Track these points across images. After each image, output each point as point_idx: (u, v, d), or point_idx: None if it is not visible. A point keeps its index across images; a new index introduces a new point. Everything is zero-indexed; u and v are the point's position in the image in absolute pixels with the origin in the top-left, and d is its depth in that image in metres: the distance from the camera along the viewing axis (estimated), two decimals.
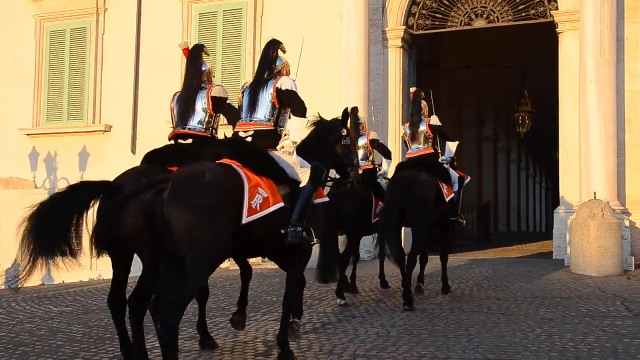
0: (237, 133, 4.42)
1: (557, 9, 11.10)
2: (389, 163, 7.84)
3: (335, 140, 4.93)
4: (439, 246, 7.85)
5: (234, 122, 4.65)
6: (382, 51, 11.95)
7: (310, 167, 4.32)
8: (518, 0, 11.49)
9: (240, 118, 4.55)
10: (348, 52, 11.37)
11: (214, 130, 4.79)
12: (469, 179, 7.98)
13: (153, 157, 4.57)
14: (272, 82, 4.40)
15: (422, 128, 7.13)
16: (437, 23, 12.04)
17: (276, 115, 4.39)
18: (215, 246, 3.57)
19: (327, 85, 11.28)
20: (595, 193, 9.29)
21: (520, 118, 19.40)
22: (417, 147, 7.14)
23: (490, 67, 18.11)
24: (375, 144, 7.77)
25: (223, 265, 4.88)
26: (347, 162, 5.02)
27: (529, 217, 31.05)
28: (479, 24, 11.83)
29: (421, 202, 6.48)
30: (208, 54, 4.97)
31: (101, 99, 13.97)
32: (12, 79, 14.60)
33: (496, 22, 11.74)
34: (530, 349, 4.50)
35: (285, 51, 4.65)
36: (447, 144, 7.56)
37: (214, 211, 3.56)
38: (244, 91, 4.51)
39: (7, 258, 13.13)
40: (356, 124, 7.14)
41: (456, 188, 7.24)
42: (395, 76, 11.94)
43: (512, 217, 26.31)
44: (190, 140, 4.67)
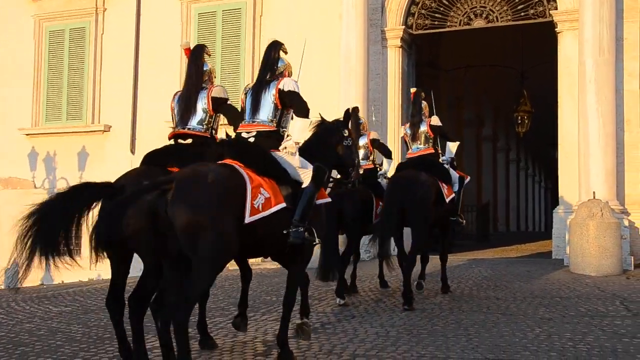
0: (240, 134, 4.43)
1: (556, 8, 11.10)
2: (389, 163, 7.84)
3: (337, 141, 4.94)
4: (438, 246, 7.86)
5: (235, 122, 4.66)
6: (381, 51, 11.96)
7: (313, 167, 4.34)
8: (517, 0, 11.49)
9: (240, 119, 4.58)
10: (347, 52, 11.37)
11: (213, 130, 4.79)
12: (469, 178, 7.99)
13: (153, 157, 4.56)
14: (275, 84, 4.42)
15: (423, 128, 7.13)
16: (436, 23, 12.05)
17: (279, 116, 4.40)
18: (220, 245, 3.60)
19: (326, 85, 11.29)
20: (594, 193, 9.30)
21: (519, 118, 19.40)
22: (418, 147, 7.14)
23: (489, 67, 18.11)
24: (376, 143, 7.78)
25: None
26: (349, 163, 5.04)
27: (528, 217, 31.05)
28: (478, 23, 11.84)
29: (421, 202, 6.48)
30: (210, 54, 4.97)
31: (100, 99, 13.96)
32: (11, 79, 14.59)
33: (495, 22, 11.75)
34: (530, 349, 4.51)
35: (286, 52, 4.66)
36: (447, 144, 7.56)
37: (218, 211, 3.59)
38: (246, 93, 4.52)
39: (6, 258, 13.12)
40: (357, 124, 7.14)
41: (456, 188, 7.24)
42: (394, 76, 11.95)
43: (511, 217, 26.32)
44: (190, 140, 4.67)
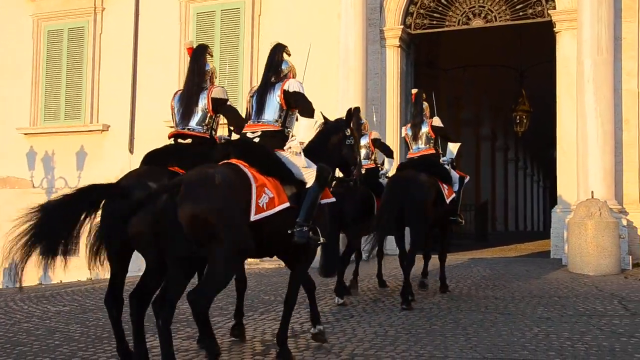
0: (245, 134, 4.48)
1: (554, 8, 11.12)
2: (390, 162, 7.86)
3: (339, 140, 4.99)
4: (437, 245, 7.87)
5: (234, 123, 4.69)
6: (380, 50, 11.97)
7: (316, 168, 4.37)
8: (515, 0, 11.51)
9: (239, 119, 4.67)
10: (346, 52, 11.37)
11: (213, 131, 4.80)
12: (469, 178, 8.00)
13: (153, 157, 4.57)
14: (280, 85, 4.48)
15: (425, 129, 7.15)
16: (435, 22, 12.06)
17: (284, 116, 4.45)
18: (234, 241, 3.67)
19: (325, 85, 11.28)
20: (592, 192, 9.31)
21: (518, 117, 19.40)
22: (419, 148, 7.16)
23: (488, 66, 18.12)
24: (377, 143, 7.82)
25: None
26: (351, 161, 5.10)
27: (526, 217, 31.07)
28: (476, 23, 11.85)
29: (420, 203, 6.48)
30: (212, 54, 4.98)
31: (99, 99, 13.96)
32: (9, 79, 14.59)
33: (494, 22, 11.76)
34: (528, 348, 4.51)
35: (290, 55, 4.71)
36: (448, 145, 7.56)
37: (228, 210, 3.66)
38: (252, 95, 4.57)
39: (4, 258, 13.11)
40: (358, 124, 7.16)
41: (457, 188, 7.25)
42: (393, 76, 11.95)
43: (509, 217, 26.34)
44: (190, 140, 4.68)
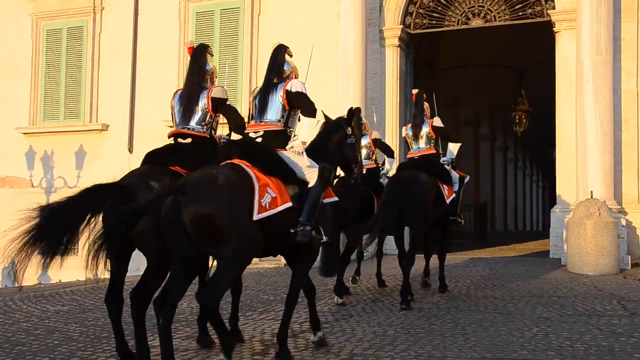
0: (248, 134, 4.50)
1: (553, 8, 11.12)
2: (391, 162, 7.87)
3: (340, 139, 5.02)
4: (437, 245, 7.88)
5: (233, 122, 4.70)
6: (379, 50, 11.97)
7: (318, 167, 4.39)
8: (515, 0, 11.51)
9: (239, 118, 4.70)
10: (345, 51, 11.37)
11: (212, 130, 4.81)
12: (469, 178, 8.01)
13: (154, 157, 4.59)
14: (282, 85, 4.50)
15: (425, 129, 7.16)
16: (434, 22, 12.06)
17: (286, 116, 4.48)
18: (240, 240, 3.70)
19: (325, 85, 11.28)
20: (592, 192, 9.31)
21: (517, 117, 19.40)
22: (419, 148, 7.17)
23: (487, 66, 18.12)
24: (378, 143, 7.84)
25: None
26: (352, 160, 5.13)
27: (525, 216, 31.07)
28: (476, 23, 11.85)
29: (420, 203, 6.49)
30: (212, 54, 4.98)
31: (98, 98, 13.95)
32: (8, 78, 14.58)
33: (493, 22, 11.76)
34: (527, 348, 4.51)
35: (291, 55, 4.73)
36: (448, 145, 7.57)
37: (231, 211, 3.69)
38: (255, 96, 4.59)
39: (3, 257, 13.10)
40: (359, 123, 7.17)
41: (456, 188, 7.26)
42: (392, 75, 11.96)
43: (509, 216, 26.34)
44: (190, 139, 4.68)
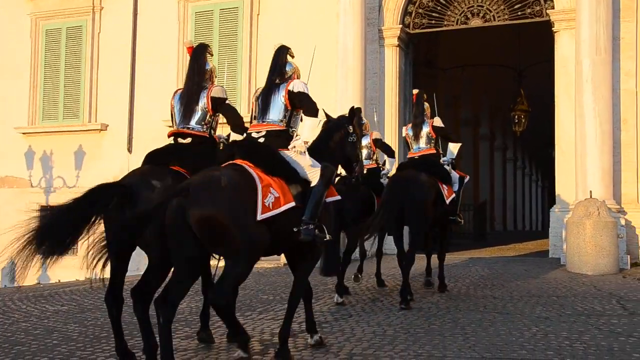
0: (250, 134, 4.52)
1: (553, 8, 11.13)
2: (391, 162, 7.88)
3: (342, 137, 5.03)
4: (436, 245, 7.88)
5: (232, 122, 4.70)
6: (378, 50, 11.98)
7: (320, 166, 4.41)
8: (514, 0, 11.51)
9: (238, 118, 4.72)
10: (344, 51, 11.37)
11: (212, 130, 4.81)
12: (468, 178, 8.02)
13: (154, 157, 4.59)
14: (284, 86, 4.53)
15: (426, 129, 7.17)
16: (433, 22, 12.06)
17: (288, 116, 4.50)
18: (245, 241, 3.74)
19: (324, 84, 11.28)
20: (591, 192, 9.31)
21: (516, 117, 19.42)
22: (420, 148, 7.18)
23: (486, 66, 18.12)
24: (378, 143, 7.85)
25: (220, 264, 4.89)
26: (353, 159, 5.15)
27: (525, 216, 31.10)
28: (475, 23, 11.85)
29: (420, 202, 6.49)
30: (212, 54, 4.99)
31: (97, 98, 13.95)
32: (7, 78, 14.57)
33: (492, 21, 11.76)
34: (527, 348, 4.51)
35: (293, 56, 4.75)
36: (449, 145, 7.57)
37: (235, 212, 3.72)
38: (258, 97, 4.61)
39: (2, 257, 13.09)
40: (360, 123, 7.19)
41: (456, 188, 7.27)
42: (391, 75, 11.96)
43: (508, 216, 26.36)
44: (190, 139, 4.69)
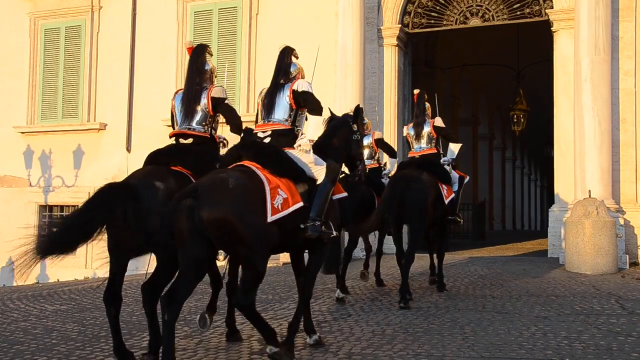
0: (256, 134, 4.55)
1: (552, 7, 11.13)
2: (392, 162, 7.88)
3: (347, 135, 5.06)
4: (435, 245, 7.88)
5: (232, 122, 4.72)
6: (377, 49, 11.98)
7: (326, 165, 4.44)
8: None
9: (237, 118, 4.74)
10: (343, 51, 11.37)
11: (213, 130, 4.82)
12: (468, 178, 8.03)
13: (156, 157, 4.60)
14: (289, 86, 4.57)
15: (427, 129, 7.19)
16: (432, 22, 12.07)
17: (293, 115, 4.54)
18: (256, 242, 3.77)
19: (323, 84, 11.25)
20: (590, 191, 9.32)
21: (515, 116, 19.45)
22: (421, 147, 7.21)
23: (485, 65, 18.14)
24: (380, 143, 7.84)
25: (220, 264, 4.89)
26: (357, 157, 5.17)
27: (524, 216, 31.12)
28: (474, 22, 11.86)
29: (420, 201, 6.50)
30: (212, 54, 5.00)
31: (96, 97, 13.94)
32: (6, 77, 14.57)
33: (491, 21, 11.77)
34: (525, 347, 4.51)
35: (297, 57, 4.77)
36: (449, 145, 7.58)
37: (243, 212, 3.74)
38: (263, 98, 4.64)
39: (1, 256, 13.09)
40: (361, 123, 7.19)
41: (456, 188, 7.28)
42: (390, 74, 11.97)
43: (507, 215, 26.38)
44: (191, 139, 4.70)
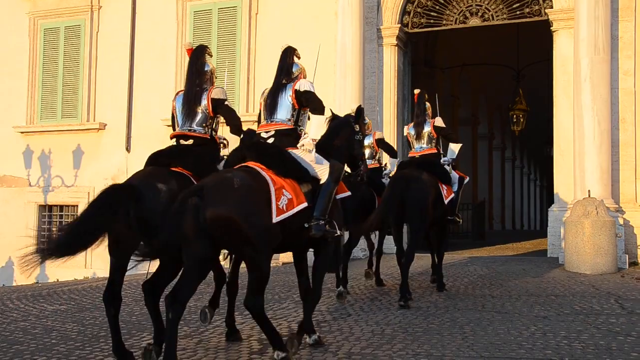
0: (259, 134, 4.56)
1: (551, 7, 11.13)
2: (393, 163, 7.89)
3: (349, 135, 5.09)
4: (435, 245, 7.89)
5: (231, 123, 4.74)
6: (377, 49, 11.97)
7: (330, 164, 4.47)
8: None
9: (237, 119, 4.77)
10: (343, 50, 11.37)
11: (213, 131, 4.83)
12: (468, 179, 8.03)
13: (157, 158, 4.60)
14: (291, 86, 4.58)
15: (427, 129, 7.21)
16: (432, 21, 12.06)
17: (296, 115, 4.55)
18: (261, 241, 3.80)
19: (322, 84, 11.24)
20: (589, 191, 9.32)
21: (515, 116, 19.46)
22: (421, 147, 7.22)
23: (485, 65, 18.15)
24: (381, 143, 7.85)
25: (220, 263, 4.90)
26: (359, 157, 5.20)
27: (523, 215, 31.13)
28: (473, 22, 11.85)
29: (420, 201, 6.50)
30: (211, 54, 5.00)
31: (95, 97, 13.93)
32: (6, 77, 14.55)
33: (491, 21, 11.77)
34: (525, 347, 4.51)
35: (299, 57, 4.78)
36: (449, 145, 7.59)
37: (248, 212, 3.76)
38: (265, 98, 4.65)
39: (1, 256, 13.09)
40: (362, 123, 7.20)
41: (456, 188, 7.28)
42: (390, 74, 11.96)
43: (506, 215, 26.39)
44: (191, 141, 4.70)
